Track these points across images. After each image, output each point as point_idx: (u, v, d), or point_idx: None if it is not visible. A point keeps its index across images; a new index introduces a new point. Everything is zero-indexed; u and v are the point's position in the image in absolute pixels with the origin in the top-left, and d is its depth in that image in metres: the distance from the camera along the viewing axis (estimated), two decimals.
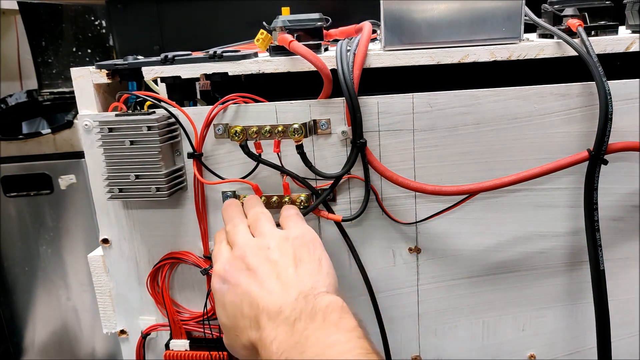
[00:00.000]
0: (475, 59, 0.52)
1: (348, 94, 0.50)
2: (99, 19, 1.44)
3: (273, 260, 0.45)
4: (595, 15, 0.55)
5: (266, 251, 0.46)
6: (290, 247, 0.46)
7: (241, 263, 0.46)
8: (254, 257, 0.45)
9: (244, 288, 0.44)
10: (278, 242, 0.46)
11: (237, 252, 0.47)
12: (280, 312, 0.41)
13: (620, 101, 0.52)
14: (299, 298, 0.42)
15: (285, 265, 0.44)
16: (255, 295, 0.43)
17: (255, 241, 0.47)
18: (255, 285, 0.44)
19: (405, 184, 0.54)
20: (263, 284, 0.44)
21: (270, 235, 0.47)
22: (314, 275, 0.44)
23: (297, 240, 0.46)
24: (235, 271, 0.45)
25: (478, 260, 0.58)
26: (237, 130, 0.53)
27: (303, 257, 0.45)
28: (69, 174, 1.33)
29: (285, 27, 0.54)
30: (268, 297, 0.43)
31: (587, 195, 0.52)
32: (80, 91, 0.58)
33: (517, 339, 0.60)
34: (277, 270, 0.44)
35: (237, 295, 0.44)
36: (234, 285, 0.45)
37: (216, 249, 0.50)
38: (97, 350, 1.47)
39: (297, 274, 0.44)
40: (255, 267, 0.45)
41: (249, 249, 0.46)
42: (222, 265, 0.47)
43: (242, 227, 0.49)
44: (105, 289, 0.62)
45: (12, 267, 1.42)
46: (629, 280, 0.58)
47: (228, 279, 0.45)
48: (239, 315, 0.44)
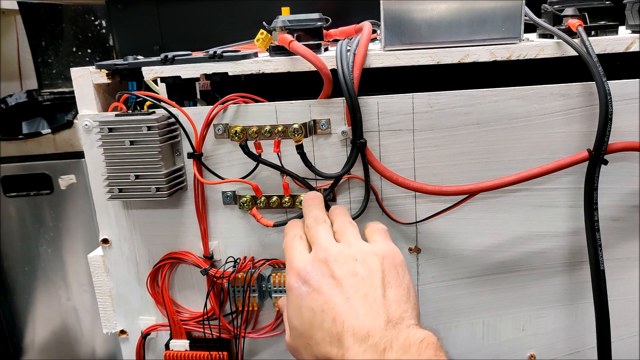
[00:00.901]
0: (475, 59, 0.52)
1: (348, 94, 0.50)
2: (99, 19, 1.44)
3: (360, 276, 0.42)
4: (595, 15, 0.55)
5: (353, 263, 0.43)
6: (378, 265, 0.43)
7: (325, 268, 0.43)
8: (339, 266, 0.43)
9: (326, 298, 0.41)
10: (365, 257, 0.43)
11: (320, 255, 0.44)
12: (368, 337, 0.39)
13: (620, 101, 0.52)
14: (388, 326, 0.39)
15: (373, 285, 0.42)
16: (339, 310, 0.40)
17: (340, 248, 0.44)
18: (341, 299, 0.41)
19: (405, 184, 0.54)
20: (349, 300, 0.41)
21: (356, 246, 0.44)
22: (402, 303, 0.41)
23: (386, 260, 0.43)
24: (318, 275, 0.42)
25: (478, 260, 0.58)
26: (237, 130, 0.53)
27: (392, 280, 0.42)
28: (69, 174, 1.33)
29: (285, 27, 0.54)
30: (354, 317, 0.40)
31: (587, 195, 0.52)
32: (80, 91, 0.58)
33: (517, 339, 0.60)
34: (364, 289, 0.41)
35: (317, 303, 0.41)
36: (315, 291, 0.42)
37: (291, 241, 0.47)
38: (97, 350, 1.47)
39: (385, 298, 0.41)
40: (340, 278, 0.42)
41: (334, 255, 0.43)
42: (304, 264, 0.44)
43: (325, 227, 0.47)
44: (105, 289, 0.62)
45: (12, 267, 1.42)
46: (629, 280, 0.58)
47: (309, 282, 0.42)
48: (317, 325, 0.41)
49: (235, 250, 0.59)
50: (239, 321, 0.60)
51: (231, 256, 0.59)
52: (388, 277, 0.43)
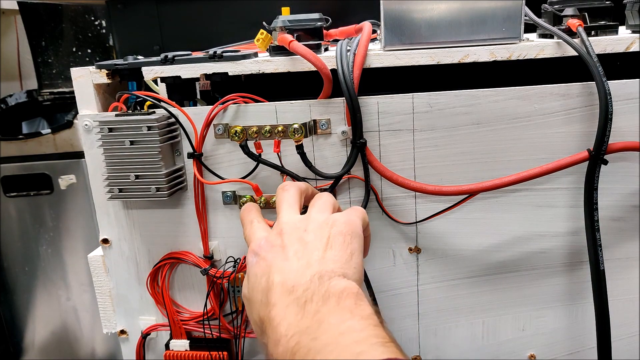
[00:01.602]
0: (475, 59, 0.52)
1: (348, 94, 0.50)
2: (99, 19, 1.44)
3: (305, 241, 0.43)
4: (595, 15, 0.55)
5: (302, 232, 0.44)
6: (327, 231, 0.44)
7: (277, 239, 0.44)
8: (288, 236, 0.44)
9: (269, 262, 0.43)
10: (317, 226, 0.44)
11: (277, 228, 0.45)
12: (292, 291, 0.40)
13: (620, 101, 0.52)
14: (313, 279, 0.40)
15: (315, 247, 0.43)
16: (274, 270, 0.42)
17: (297, 220, 0.45)
18: (279, 261, 0.42)
19: (405, 184, 0.54)
20: (286, 260, 0.42)
21: (314, 218, 0.45)
22: (339, 262, 0.42)
23: (336, 227, 0.44)
24: (268, 246, 0.44)
25: (478, 260, 0.58)
26: (237, 130, 0.53)
27: (335, 244, 0.43)
28: (69, 174, 1.33)
29: (285, 27, 0.54)
30: (286, 274, 0.41)
31: (587, 195, 0.52)
32: (80, 91, 0.58)
33: (517, 339, 0.60)
34: (305, 251, 0.43)
35: (260, 267, 0.43)
36: (262, 259, 0.43)
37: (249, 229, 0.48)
38: (97, 350, 1.47)
39: (323, 257, 0.42)
40: (286, 245, 0.43)
41: (287, 226, 0.45)
42: (259, 240, 0.45)
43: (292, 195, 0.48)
44: (105, 289, 0.62)
45: (12, 267, 1.42)
46: (629, 280, 0.58)
47: (259, 253, 0.44)
48: (257, 288, 0.42)
49: (235, 250, 0.59)
50: (239, 321, 0.60)
51: (231, 256, 0.59)
52: (332, 242, 0.43)
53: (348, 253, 0.43)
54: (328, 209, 0.47)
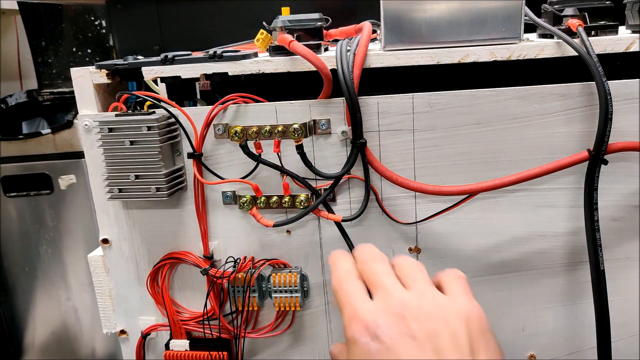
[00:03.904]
0: (475, 59, 0.52)
1: (348, 94, 0.50)
2: (99, 19, 1.44)
3: (443, 337, 0.36)
4: (595, 15, 0.55)
5: (435, 322, 0.36)
6: (464, 327, 0.37)
7: (403, 325, 0.36)
8: (419, 324, 0.36)
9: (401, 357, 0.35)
10: (448, 315, 0.37)
11: (393, 307, 0.37)
12: None
13: (620, 101, 0.52)
14: None
15: (460, 351, 0.35)
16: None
17: (417, 301, 0.37)
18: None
19: (405, 184, 0.54)
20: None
21: (435, 300, 0.38)
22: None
23: (473, 324, 0.37)
24: (394, 332, 0.36)
25: (478, 260, 0.58)
26: (237, 130, 0.53)
27: (480, 347, 0.37)
28: (69, 174, 1.33)
29: (285, 27, 0.54)
30: None
31: (587, 195, 0.52)
32: (80, 91, 0.58)
33: (517, 339, 0.60)
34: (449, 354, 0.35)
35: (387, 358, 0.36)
36: (389, 349, 0.35)
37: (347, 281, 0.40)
38: (97, 350, 1.47)
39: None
40: (420, 338, 0.35)
41: (410, 310, 0.37)
42: (373, 315, 0.37)
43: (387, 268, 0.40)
44: (105, 289, 0.62)
45: (12, 267, 1.42)
46: (629, 280, 0.58)
47: (381, 338, 0.36)
48: None
49: (235, 250, 0.59)
50: (239, 321, 0.60)
51: (231, 256, 0.59)
52: (475, 343, 0.37)
53: (493, 354, 0.38)
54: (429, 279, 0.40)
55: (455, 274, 0.41)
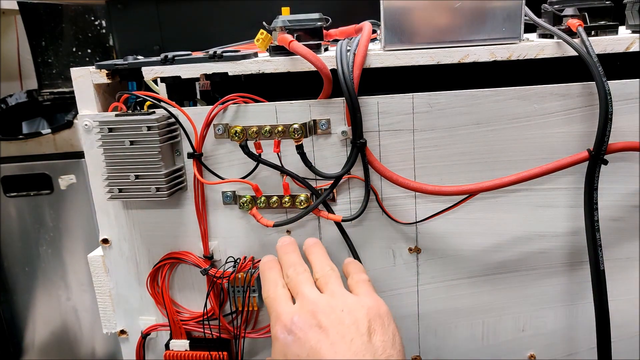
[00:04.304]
0: (475, 59, 0.52)
1: (348, 94, 0.50)
2: (99, 19, 1.44)
3: (346, 324, 0.43)
4: (595, 15, 0.55)
5: (340, 313, 0.44)
6: (365, 315, 0.44)
7: (312, 319, 0.44)
8: (325, 316, 0.44)
9: (312, 344, 0.42)
10: (352, 307, 0.44)
11: (307, 306, 0.45)
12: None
13: (620, 101, 0.52)
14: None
15: (359, 332, 0.43)
16: (325, 354, 0.41)
17: (327, 300, 0.45)
18: (326, 345, 0.42)
19: (405, 184, 0.54)
20: (335, 345, 0.42)
21: (342, 297, 0.46)
22: (388, 349, 0.42)
23: (372, 311, 0.45)
24: (304, 325, 0.43)
25: (478, 260, 0.58)
26: (237, 130, 0.53)
27: (377, 328, 0.43)
28: (69, 174, 1.33)
29: (285, 27, 0.54)
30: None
31: (587, 195, 0.52)
32: (80, 91, 0.58)
33: (517, 339, 0.60)
34: (350, 335, 0.42)
35: (303, 350, 0.42)
36: (300, 339, 0.43)
37: (274, 291, 0.48)
38: (97, 350, 1.47)
39: (371, 343, 0.42)
40: (327, 326, 0.43)
41: (321, 306, 0.44)
42: (290, 315, 0.45)
43: (307, 277, 0.48)
44: (105, 289, 0.62)
45: (12, 267, 1.42)
46: (629, 280, 0.58)
47: (295, 332, 0.43)
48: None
49: (235, 250, 0.59)
50: (239, 321, 0.60)
51: (231, 256, 0.59)
52: (374, 325, 0.43)
53: (390, 336, 0.44)
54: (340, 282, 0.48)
55: (359, 278, 0.49)
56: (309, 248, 0.53)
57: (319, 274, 0.49)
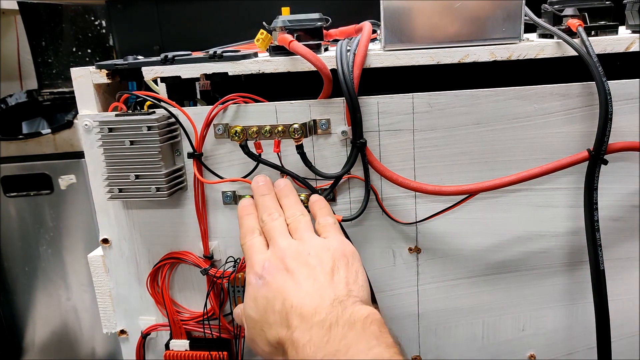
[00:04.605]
0: (475, 59, 0.52)
1: (348, 94, 0.50)
2: (99, 19, 1.44)
3: (312, 265, 0.46)
4: (595, 15, 0.55)
5: (306, 256, 0.46)
6: (330, 256, 0.47)
7: (280, 264, 0.46)
8: (293, 260, 0.46)
9: (279, 285, 0.45)
10: (318, 250, 0.47)
11: (277, 253, 0.47)
12: (314, 314, 0.42)
13: (620, 101, 0.52)
14: (334, 303, 0.42)
15: (323, 271, 0.45)
16: (289, 293, 0.44)
17: (296, 245, 0.48)
18: (291, 285, 0.45)
19: (405, 184, 0.54)
20: (298, 284, 0.45)
21: (310, 242, 0.48)
22: (350, 284, 0.45)
23: (337, 252, 0.47)
24: (273, 269, 0.46)
25: (478, 260, 0.58)
26: (237, 130, 0.53)
27: (341, 267, 0.46)
28: (69, 174, 1.33)
29: (285, 27, 0.54)
30: (302, 297, 0.43)
31: (587, 195, 0.52)
32: (80, 91, 0.58)
33: (517, 339, 0.60)
34: (314, 275, 0.45)
35: (270, 290, 0.45)
36: (269, 282, 0.46)
37: (250, 240, 0.50)
38: (97, 350, 1.47)
39: (333, 280, 0.45)
40: (292, 269, 0.46)
41: (289, 252, 0.47)
42: (261, 262, 0.47)
43: (281, 224, 0.50)
44: (105, 289, 0.62)
45: (12, 267, 1.42)
46: (629, 280, 0.58)
47: (264, 276, 0.46)
48: (270, 310, 0.44)
49: (235, 250, 0.59)
50: None
51: (231, 256, 0.59)
52: (337, 264, 0.46)
53: (353, 273, 0.46)
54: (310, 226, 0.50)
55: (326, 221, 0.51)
56: (280, 191, 0.53)
57: (290, 219, 0.50)
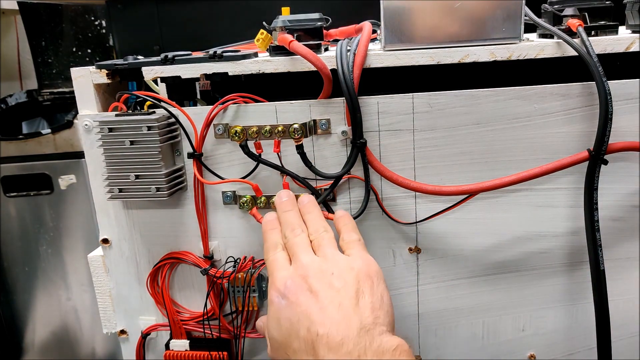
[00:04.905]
0: (475, 59, 0.52)
1: (348, 94, 0.50)
2: (99, 19, 1.44)
3: (336, 287, 0.44)
4: (595, 15, 0.55)
5: (330, 277, 0.45)
6: (354, 277, 0.45)
7: (303, 283, 0.45)
8: (317, 280, 0.45)
9: (303, 308, 0.43)
10: (342, 270, 0.45)
11: (300, 271, 0.46)
12: (341, 345, 0.40)
13: (620, 101, 0.52)
14: (361, 332, 0.41)
15: (348, 295, 0.44)
16: (314, 319, 0.42)
17: (319, 263, 0.46)
18: (316, 309, 0.43)
19: (405, 184, 0.54)
20: (324, 309, 0.43)
21: (334, 260, 0.46)
22: (375, 310, 0.43)
23: (361, 272, 0.45)
24: (296, 289, 0.45)
25: (478, 260, 0.58)
26: (237, 130, 0.53)
27: (365, 290, 0.44)
28: (69, 174, 1.33)
29: (285, 27, 0.54)
30: (327, 325, 0.42)
31: (587, 195, 0.52)
32: (80, 91, 0.58)
33: (517, 339, 0.60)
34: (339, 299, 0.43)
35: (295, 313, 0.43)
36: (293, 303, 0.44)
37: (273, 254, 0.49)
38: (97, 350, 1.47)
39: (358, 306, 0.43)
40: (317, 290, 0.44)
41: (312, 271, 0.45)
42: (284, 280, 0.46)
43: (304, 240, 0.49)
44: (105, 289, 0.62)
45: (12, 267, 1.42)
46: (629, 280, 0.58)
47: (287, 295, 0.45)
48: (294, 335, 0.43)
49: (235, 250, 0.59)
50: (239, 321, 0.60)
51: (231, 256, 0.59)
52: (362, 287, 0.44)
53: (379, 297, 0.45)
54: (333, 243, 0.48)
55: (351, 238, 0.50)
56: (304, 207, 0.53)
57: (313, 235, 0.49)
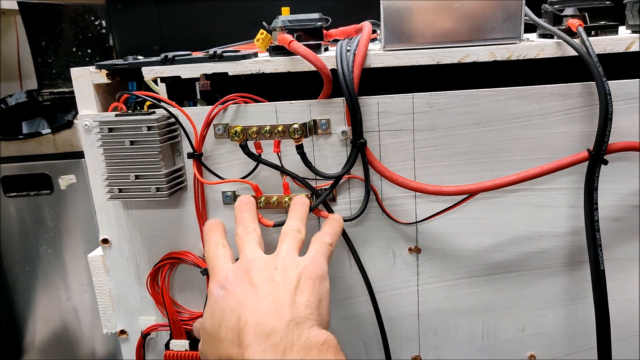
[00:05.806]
0: (475, 59, 0.52)
1: (348, 94, 0.50)
2: (99, 19, 1.44)
3: (276, 281, 0.44)
4: (595, 15, 0.55)
5: (272, 271, 0.45)
6: (296, 275, 0.45)
7: (245, 275, 0.45)
8: (258, 274, 0.45)
9: (238, 299, 0.44)
10: (287, 266, 0.46)
11: (244, 265, 0.46)
12: (269, 336, 0.40)
13: (620, 101, 0.52)
14: (290, 325, 0.41)
15: (286, 290, 0.44)
16: (246, 309, 0.42)
17: (264, 258, 0.47)
18: (251, 300, 0.43)
19: (405, 184, 0.54)
20: (258, 300, 0.43)
21: (282, 256, 0.47)
22: (311, 308, 0.43)
23: (305, 272, 0.45)
24: (236, 281, 0.45)
25: (478, 260, 0.58)
26: (237, 130, 0.53)
27: (305, 288, 0.44)
28: (69, 174, 1.33)
29: (285, 27, 0.54)
30: (259, 315, 0.42)
31: (587, 195, 0.52)
32: (80, 91, 0.58)
33: (517, 339, 0.60)
34: (275, 292, 0.43)
35: (229, 304, 0.44)
36: (230, 294, 0.44)
37: (214, 252, 0.49)
38: (97, 350, 1.47)
39: (294, 302, 0.43)
40: (257, 283, 0.44)
41: (256, 264, 0.46)
42: (225, 273, 0.46)
43: (253, 237, 0.49)
44: (105, 289, 0.62)
45: (12, 267, 1.42)
46: (629, 280, 0.58)
47: (227, 287, 0.45)
48: (224, 325, 0.43)
49: (235, 251, 0.59)
50: None
51: None
52: (302, 285, 0.44)
53: (317, 298, 0.44)
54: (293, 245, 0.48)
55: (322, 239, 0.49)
56: (293, 205, 0.53)
57: (283, 230, 0.50)
